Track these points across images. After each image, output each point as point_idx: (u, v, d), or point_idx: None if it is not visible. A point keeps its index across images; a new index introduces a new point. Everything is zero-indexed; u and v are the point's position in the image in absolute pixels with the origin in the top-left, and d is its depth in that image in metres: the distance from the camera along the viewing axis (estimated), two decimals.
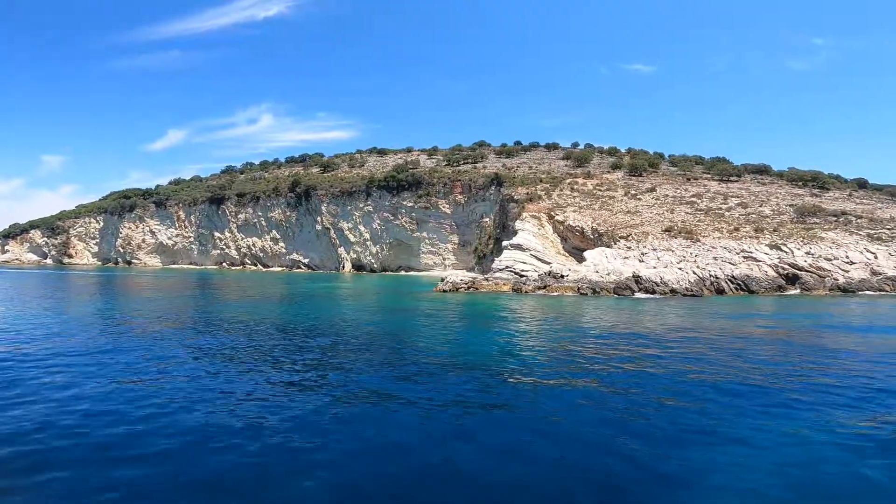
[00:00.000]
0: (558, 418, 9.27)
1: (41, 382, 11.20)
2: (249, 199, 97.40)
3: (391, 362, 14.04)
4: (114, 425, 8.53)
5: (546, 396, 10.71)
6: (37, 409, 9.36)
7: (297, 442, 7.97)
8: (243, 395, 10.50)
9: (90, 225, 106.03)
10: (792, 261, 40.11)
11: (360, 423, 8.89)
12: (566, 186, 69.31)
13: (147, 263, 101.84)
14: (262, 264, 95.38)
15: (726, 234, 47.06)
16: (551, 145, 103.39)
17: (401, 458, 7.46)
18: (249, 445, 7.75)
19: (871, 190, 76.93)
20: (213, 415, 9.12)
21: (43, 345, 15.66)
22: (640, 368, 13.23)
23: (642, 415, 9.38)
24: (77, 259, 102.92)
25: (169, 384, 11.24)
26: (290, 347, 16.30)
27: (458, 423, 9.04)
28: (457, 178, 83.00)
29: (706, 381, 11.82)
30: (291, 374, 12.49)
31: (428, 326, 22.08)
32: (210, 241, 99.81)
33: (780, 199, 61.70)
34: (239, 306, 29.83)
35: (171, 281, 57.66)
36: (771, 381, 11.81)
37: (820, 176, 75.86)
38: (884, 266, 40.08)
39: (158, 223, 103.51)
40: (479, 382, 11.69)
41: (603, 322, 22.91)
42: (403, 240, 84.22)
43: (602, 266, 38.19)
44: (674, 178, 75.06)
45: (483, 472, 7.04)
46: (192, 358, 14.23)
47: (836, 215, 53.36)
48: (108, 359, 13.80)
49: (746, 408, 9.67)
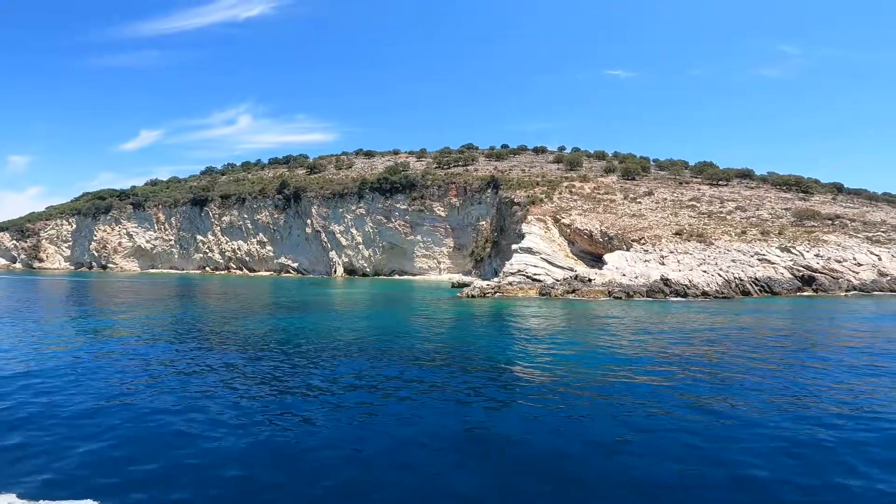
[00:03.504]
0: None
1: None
2: (234, 200, 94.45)
3: (521, 388, 12.94)
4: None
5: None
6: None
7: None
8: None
9: (62, 227, 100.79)
10: (805, 263, 41.24)
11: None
12: (564, 189, 69.68)
13: (124, 268, 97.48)
14: (249, 269, 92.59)
15: (735, 237, 48.09)
16: (539, 148, 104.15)
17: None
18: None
19: (848, 194, 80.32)
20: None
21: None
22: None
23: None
24: (49, 263, 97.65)
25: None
26: (363, 380, 13.33)
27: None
28: (451, 180, 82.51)
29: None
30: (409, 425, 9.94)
31: (524, 343, 19.01)
32: (192, 244, 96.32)
33: (773, 203, 63.62)
34: (249, 319, 28.57)
35: (150, 286, 55.20)
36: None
37: (802, 181, 78.72)
38: (889, 267, 41.66)
39: (136, 225, 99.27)
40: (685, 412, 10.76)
41: (693, 325, 22.66)
42: (397, 243, 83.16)
43: (628, 269, 38.39)
44: (666, 181, 76.56)
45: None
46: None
47: (831, 219, 55.31)
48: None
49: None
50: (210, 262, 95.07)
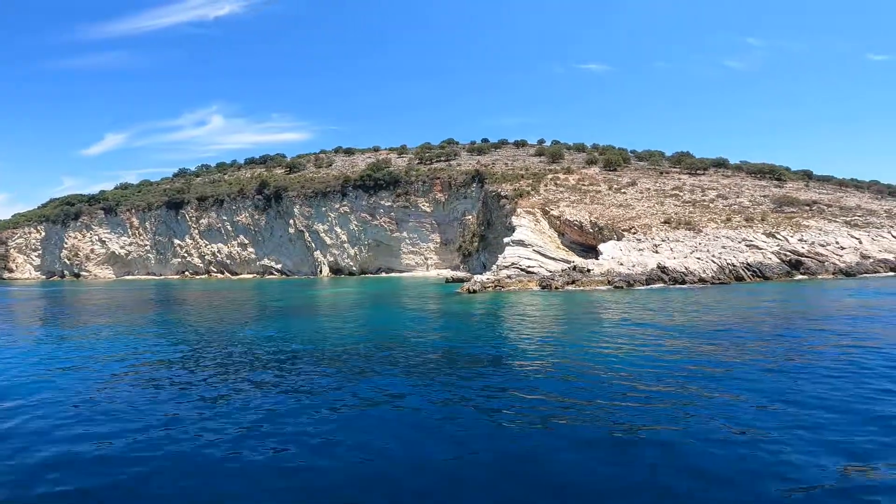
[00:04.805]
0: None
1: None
2: (212, 202, 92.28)
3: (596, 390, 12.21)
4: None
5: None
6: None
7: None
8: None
9: (30, 235, 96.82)
10: (791, 248, 42.54)
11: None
12: (549, 182, 70.20)
13: (98, 275, 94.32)
14: (230, 272, 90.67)
15: (721, 224, 49.29)
16: (520, 142, 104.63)
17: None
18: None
19: (818, 181, 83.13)
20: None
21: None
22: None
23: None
24: (18, 273, 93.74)
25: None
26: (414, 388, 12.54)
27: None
28: (435, 175, 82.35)
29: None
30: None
31: (554, 338, 18.19)
32: (169, 248, 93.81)
33: (752, 191, 65.39)
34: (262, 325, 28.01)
35: (127, 294, 53.64)
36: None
37: (776, 168, 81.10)
38: (870, 250, 43.29)
39: (109, 231, 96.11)
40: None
41: (717, 313, 22.69)
42: (383, 240, 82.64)
43: (625, 259, 38.96)
44: (647, 172, 77.87)
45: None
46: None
47: (808, 204, 57.19)
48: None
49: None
50: (189, 267, 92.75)
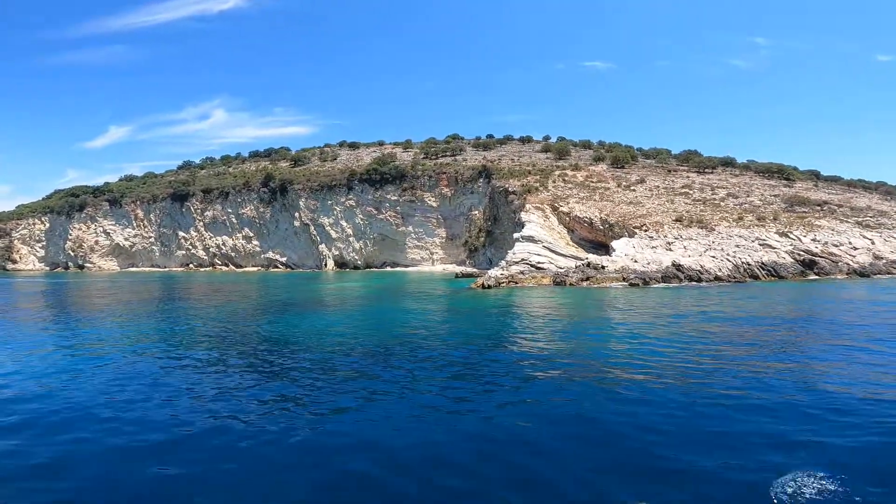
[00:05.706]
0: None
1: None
2: (217, 194, 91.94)
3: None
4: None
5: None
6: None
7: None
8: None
9: (34, 227, 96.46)
10: (805, 248, 42.35)
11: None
12: (557, 178, 69.93)
13: (102, 267, 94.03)
14: (235, 264, 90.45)
15: (733, 223, 49.07)
16: (525, 138, 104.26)
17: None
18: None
19: (826, 181, 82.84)
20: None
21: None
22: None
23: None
24: (22, 265, 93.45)
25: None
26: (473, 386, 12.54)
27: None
28: (442, 170, 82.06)
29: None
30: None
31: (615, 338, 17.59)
32: (174, 241, 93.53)
33: (761, 190, 65.14)
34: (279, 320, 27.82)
35: (133, 286, 53.46)
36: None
37: (784, 168, 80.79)
38: (883, 250, 43.11)
39: (113, 223, 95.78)
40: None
41: (761, 311, 22.64)
42: (388, 234, 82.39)
43: (639, 256, 38.77)
44: (655, 170, 77.58)
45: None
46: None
47: (819, 205, 56.97)
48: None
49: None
50: (193, 259, 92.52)
